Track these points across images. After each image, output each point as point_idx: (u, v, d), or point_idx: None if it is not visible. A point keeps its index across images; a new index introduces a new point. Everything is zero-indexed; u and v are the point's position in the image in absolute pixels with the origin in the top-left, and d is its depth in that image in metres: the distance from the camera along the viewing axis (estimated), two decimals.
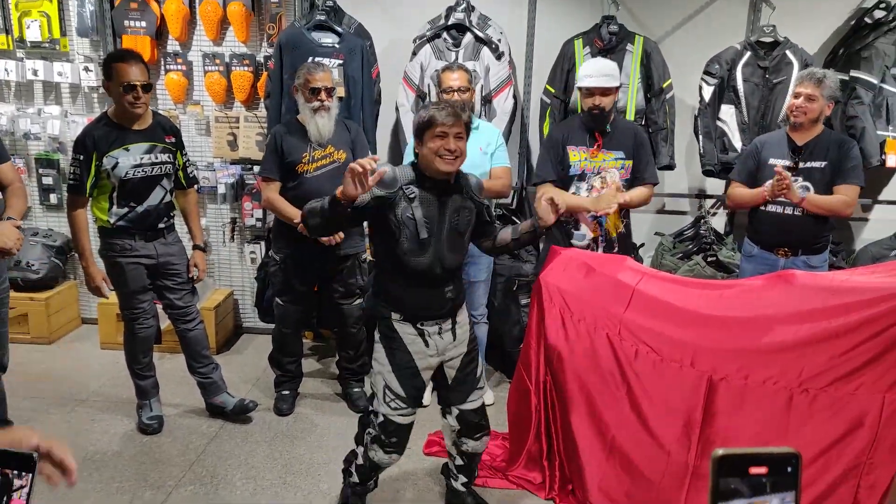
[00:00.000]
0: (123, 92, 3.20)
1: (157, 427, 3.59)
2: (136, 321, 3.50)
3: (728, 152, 4.16)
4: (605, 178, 3.44)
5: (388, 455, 2.68)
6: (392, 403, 2.62)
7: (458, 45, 4.17)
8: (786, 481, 0.68)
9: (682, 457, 2.76)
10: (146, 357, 3.60)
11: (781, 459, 0.68)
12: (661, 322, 2.85)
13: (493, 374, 4.33)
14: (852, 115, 4.08)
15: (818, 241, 3.48)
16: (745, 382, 2.68)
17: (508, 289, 4.14)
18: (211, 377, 3.70)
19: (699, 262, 4.15)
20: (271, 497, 3.06)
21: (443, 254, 2.55)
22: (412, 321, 2.60)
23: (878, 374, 2.50)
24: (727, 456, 0.66)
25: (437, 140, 2.45)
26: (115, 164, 3.26)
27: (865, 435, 2.49)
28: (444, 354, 2.66)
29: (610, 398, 2.90)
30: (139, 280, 3.44)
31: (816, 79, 3.35)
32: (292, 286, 3.70)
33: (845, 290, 2.63)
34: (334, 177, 3.53)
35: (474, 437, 2.78)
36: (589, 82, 3.38)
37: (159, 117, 3.50)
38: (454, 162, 2.48)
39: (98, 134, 3.26)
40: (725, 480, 0.66)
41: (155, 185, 3.40)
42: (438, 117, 2.45)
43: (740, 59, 4.16)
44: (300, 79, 3.48)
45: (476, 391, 2.76)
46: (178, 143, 3.52)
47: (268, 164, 3.55)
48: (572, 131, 3.55)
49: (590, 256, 3.20)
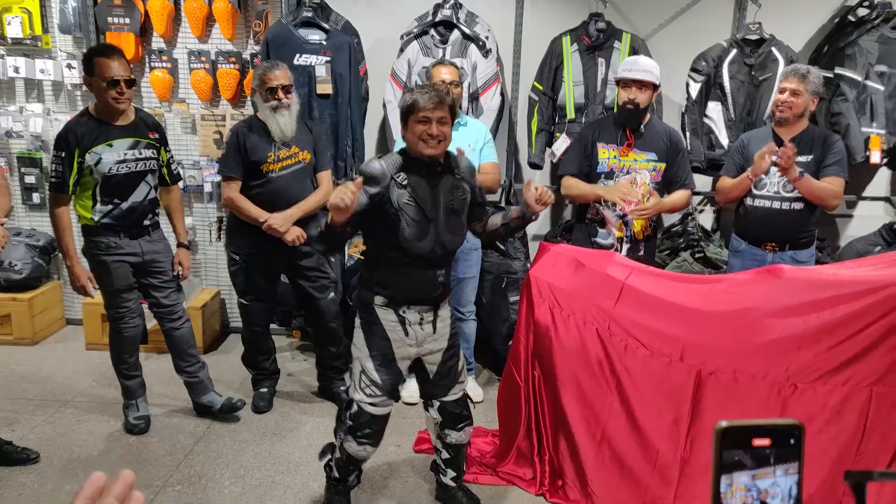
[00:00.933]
0: (106, 87, 3.15)
1: (145, 427, 3.55)
2: (121, 320, 3.46)
3: (715, 149, 4.18)
4: (635, 179, 3.39)
5: (362, 447, 2.67)
6: (367, 390, 2.62)
7: (446, 41, 4.16)
8: (789, 453, 0.68)
9: (672, 451, 2.77)
10: (132, 357, 3.56)
11: (785, 431, 0.68)
12: (651, 317, 2.86)
13: (482, 371, 4.32)
14: (836, 112, 4.12)
15: (804, 236, 3.50)
16: (733, 377, 2.69)
17: (497, 286, 4.14)
18: (198, 376, 3.66)
19: (687, 259, 4.17)
20: (260, 496, 3.04)
21: (442, 235, 2.54)
22: (395, 306, 2.59)
23: (865, 367, 2.51)
24: (731, 428, 0.66)
25: (420, 125, 2.45)
26: (99, 160, 3.22)
27: (854, 429, 2.51)
28: (422, 346, 2.66)
29: (600, 393, 2.91)
30: (124, 278, 3.39)
31: (800, 74, 3.37)
32: (255, 284, 3.68)
33: (833, 283, 2.65)
34: (299, 177, 3.55)
35: (457, 427, 2.79)
36: (627, 74, 3.37)
37: (142, 113, 3.47)
38: (437, 146, 2.47)
39: (80, 130, 3.21)
40: (729, 453, 0.66)
41: (139, 181, 3.36)
42: (421, 101, 2.44)
43: (726, 56, 4.18)
44: (256, 80, 3.46)
45: (457, 385, 2.77)
46: (162, 139, 3.48)
47: (229, 163, 3.50)
48: (604, 128, 3.53)
49: (579, 252, 3.20)
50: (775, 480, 0.68)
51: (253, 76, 3.53)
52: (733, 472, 0.67)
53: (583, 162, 3.53)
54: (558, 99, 4.22)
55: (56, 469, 3.19)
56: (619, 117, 3.48)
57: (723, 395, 2.70)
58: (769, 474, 0.68)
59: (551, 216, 4.79)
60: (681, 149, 3.53)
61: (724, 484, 0.67)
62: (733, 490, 0.67)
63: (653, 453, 2.80)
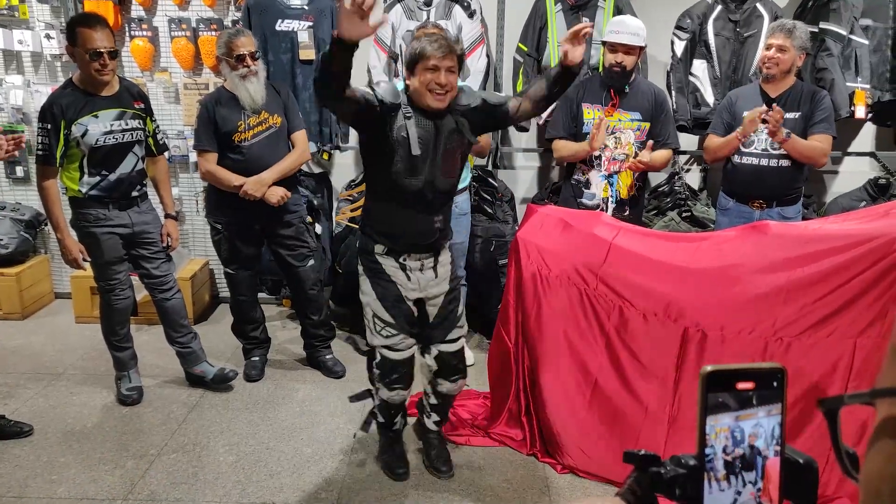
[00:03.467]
0: (90, 59, 3.12)
1: (137, 398, 3.57)
2: (111, 292, 3.45)
3: (700, 107, 4.17)
4: (619, 139, 3.41)
5: (394, 391, 2.74)
6: (383, 332, 2.66)
7: (430, 3, 4.11)
8: (772, 395, 0.70)
9: (660, 408, 2.81)
10: (123, 328, 3.56)
11: (767, 374, 0.70)
12: (638, 276, 2.88)
13: (473, 335, 4.35)
14: (822, 67, 4.10)
15: (792, 192, 3.51)
16: (721, 333, 2.72)
17: (487, 249, 4.15)
18: (190, 347, 3.67)
19: (674, 218, 4.18)
20: (254, 462, 3.07)
21: (436, 176, 2.55)
22: (395, 255, 2.63)
23: (849, 319, 2.55)
24: (715, 371, 0.68)
25: (428, 73, 2.41)
26: (85, 132, 3.20)
27: (838, 382, 2.55)
28: (425, 291, 2.71)
29: (589, 353, 2.94)
30: (114, 250, 3.39)
31: (787, 29, 3.36)
32: (238, 253, 3.67)
33: (818, 238, 2.67)
34: (273, 142, 3.54)
35: (451, 378, 2.83)
36: (614, 38, 3.36)
37: (126, 83, 3.43)
38: (444, 97, 2.45)
39: (65, 101, 3.18)
40: (713, 395, 0.68)
41: (127, 152, 3.34)
42: (429, 49, 2.40)
43: (711, 12, 4.15)
44: (222, 48, 3.40)
45: (456, 329, 2.81)
46: (147, 110, 3.45)
47: (203, 137, 3.48)
48: (589, 89, 3.53)
49: (566, 213, 3.21)
50: (758, 421, 0.70)
51: (217, 44, 3.46)
52: (718, 413, 0.69)
53: (569, 123, 3.53)
54: (543, 60, 4.18)
55: (51, 441, 3.21)
56: (606, 79, 3.48)
57: (710, 352, 2.73)
58: (753, 415, 0.70)
59: (538, 179, 4.79)
60: (665, 109, 3.54)
61: (709, 425, 0.69)
62: (718, 431, 0.69)
63: (642, 412, 2.84)
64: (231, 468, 3.03)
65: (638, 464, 0.75)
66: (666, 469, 0.73)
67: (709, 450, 0.69)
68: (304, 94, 4.17)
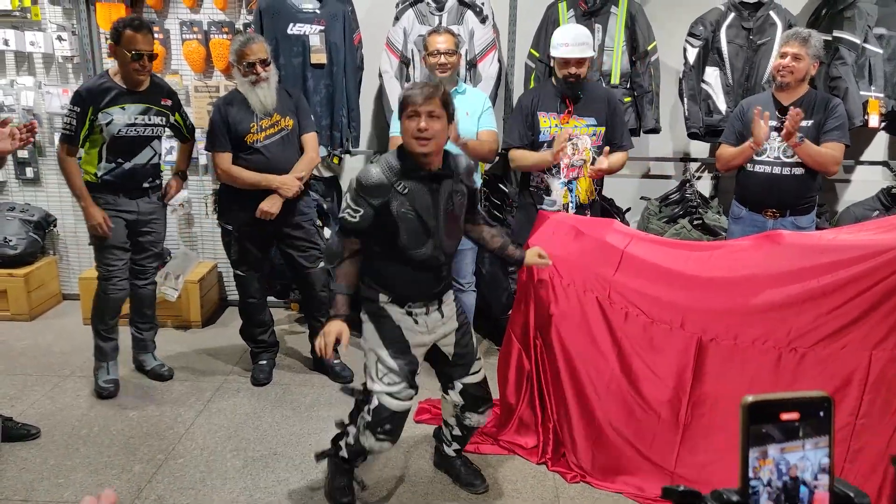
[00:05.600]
0: (131, 59, 3.31)
1: (114, 391, 3.64)
2: (108, 281, 3.56)
3: (713, 115, 4.15)
4: (576, 145, 3.42)
5: (380, 443, 2.59)
6: (385, 378, 2.55)
7: (442, 8, 4.10)
8: (819, 425, 0.67)
9: (673, 418, 2.79)
10: (112, 319, 3.66)
11: (813, 404, 0.67)
12: (651, 284, 2.85)
13: (482, 341, 4.33)
14: (835, 75, 4.08)
15: (806, 201, 3.48)
16: (734, 343, 2.70)
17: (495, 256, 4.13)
18: (144, 335, 3.84)
19: (685, 226, 4.16)
20: (262, 468, 3.05)
21: (442, 242, 2.52)
22: (400, 303, 2.58)
23: (864, 331, 2.52)
24: (757, 402, 0.65)
25: (410, 121, 2.39)
26: (110, 121, 3.38)
27: (853, 394, 2.52)
28: (434, 332, 2.64)
29: (601, 361, 2.91)
30: (118, 235, 3.53)
31: (802, 38, 3.33)
32: (249, 255, 3.69)
33: (832, 248, 2.64)
34: (285, 144, 3.58)
35: (478, 410, 2.78)
36: (564, 52, 3.37)
37: (157, 79, 3.60)
38: (427, 143, 2.39)
39: (97, 90, 3.36)
40: (756, 427, 0.65)
41: (145, 144, 3.51)
42: (410, 96, 2.40)
43: (724, 20, 4.13)
44: (233, 55, 3.47)
45: (476, 362, 2.77)
46: (175, 105, 3.64)
47: (217, 138, 3.52)
48: (544, 97, 3.54)
49: (578, 220, 3.19)
50: (805, 454, 0.67)
51: (230, 50, 3.54)
52: (761, 445, 0.66)
53: (525, 132, 3.54)
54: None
55: (58, 444, 3.20)
56: (560, 88, 3.49)
57: (723, 361, 2.71)
58: (798, 447, 0.67)
59: None
60: (618, 111, 3.57)
61: (752, 458, 0.66)
62: (761, 464, 0.67)
63: (653, 421, 2.82)
64: (239, 473, 3.01)
65: (677, 500, 0.72)
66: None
67: (753, 482, 0.66)
68: (314, 98, 4.16)
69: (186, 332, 4.52)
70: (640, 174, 4.73)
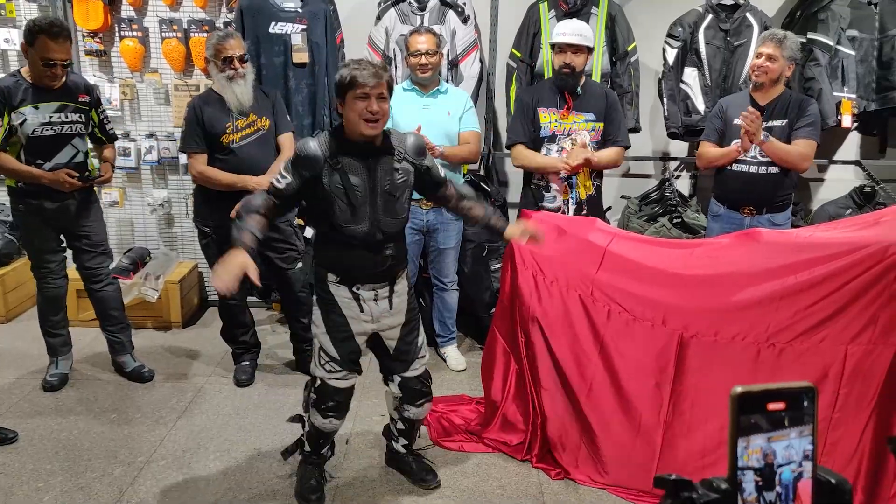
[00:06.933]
0: (43, 66, 3.20)
1: (58, 385, 3.66)
2: (42, 280, 3.58)
3: (692, 115, 4.21)
4: (574, 140, 3.45)
5: (328, 419, 2.68)
6: (326, 366, 2.63)
7: (424, 8, 4.11)
8: (803, 414, 0.70)
9: (654, 414, 2.82)
10: (56, 315, 3.67)
11: (798, 394, 0.70)
12: (633, 282, 2.89)
13: (465, 339, 4.35)
14: (809, 76, 4.15)
15: (781, 199, 3.54)
16: (714, 339, 2.74)
17: (479, 254, 4.15)
18: (118, 337, 3.79)
19: (665, 224, 4.21)
20: (246, 468, 3.04)
21: (379, 219, 2.51)
22: (348, 284, 2.58)
23: (840, 326, 2.58)
24: (746, 393, 0.67)
25: (360, 102, 2.38)
26: (24, 121, 3.27)
27: (830, 388, 2.57)
28: (379, 322, 2.65)
29: (583, 359, 2.94)
30: (47, 241, 3.51)
31: (777, 39, 3.40)
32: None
33: (809, 245, 2.70)
34: (261, 144, 3.54)
35: (416, 403, 2.80)
36: (562, 39, 3.39)
37: (74, 76, 3.50)
38: (377, 125, 2.42)
39: (8, 89, 3.26)
40: (746, 417, 0.68)
41: (64, 143, 3.40)
42: (360, 78, 2.37)
43: (702, 21, 4.19)
44: (210, 50, 3.42)
45: (418, 360, 2.76)
46: (94, 102, 3.52)
47: (192, 139, 3.47)
48: (543, 93, 3.57)
49: (561, 219, 3.22)
50: (790, 442, 0.70)
51: (206, 46, 3.48)
52: (749, 435, 0.68)
53: (529, 129, 3.56)
54: (536, 66, 4.20)
55: (37, 448, 3.16)
56: (556, 81, 3.52)
57: (704, 358, 2.75)
58: (785, 436, 0.69)
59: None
60: (617, 108, 3.60)
61: (740, 447, 0.68)
62: (750, 453, 0.69)
63: (636, 418, 2.85)
64: (222, 475, 3.00)
65: (669, 489, 0.73)
66: (698, 494, 0.72)
67: (741, 472, 0.69)
68: (296, 98, 4.15)
69: (167, 333, 4.47)
70: (620, 173, 4.77)
